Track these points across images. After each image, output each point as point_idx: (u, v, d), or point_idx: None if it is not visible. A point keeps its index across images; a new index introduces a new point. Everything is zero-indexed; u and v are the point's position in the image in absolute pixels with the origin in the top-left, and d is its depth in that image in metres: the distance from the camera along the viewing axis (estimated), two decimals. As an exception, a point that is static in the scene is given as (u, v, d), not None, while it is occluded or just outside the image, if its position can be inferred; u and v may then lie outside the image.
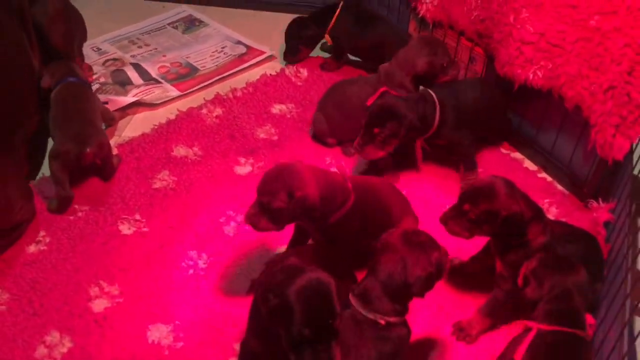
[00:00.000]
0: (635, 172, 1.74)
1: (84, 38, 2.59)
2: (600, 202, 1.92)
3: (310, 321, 1.16)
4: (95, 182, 2.04)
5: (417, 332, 1.50)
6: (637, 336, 1.32)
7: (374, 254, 1.35)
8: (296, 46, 2.60)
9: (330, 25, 2.50)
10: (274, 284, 1.21)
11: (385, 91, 1.96)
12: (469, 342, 1.58)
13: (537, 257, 1.45)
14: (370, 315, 1.30)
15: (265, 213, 1.50)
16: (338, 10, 2.51)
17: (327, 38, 2.54)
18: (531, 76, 2.01)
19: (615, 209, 1.84)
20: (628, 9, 1.70)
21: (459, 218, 1.51)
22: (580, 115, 1.90)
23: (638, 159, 1.73)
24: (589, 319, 1.48)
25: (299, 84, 2.51)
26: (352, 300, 1.32)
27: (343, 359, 1.25)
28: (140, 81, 2.51)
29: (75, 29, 2.43)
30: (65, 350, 1.55)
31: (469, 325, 1.58)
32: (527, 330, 1.37)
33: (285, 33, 2.60)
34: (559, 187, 2.10)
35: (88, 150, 1.89)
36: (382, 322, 1.29)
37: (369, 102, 1.92)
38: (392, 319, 1.30)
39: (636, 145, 1.80)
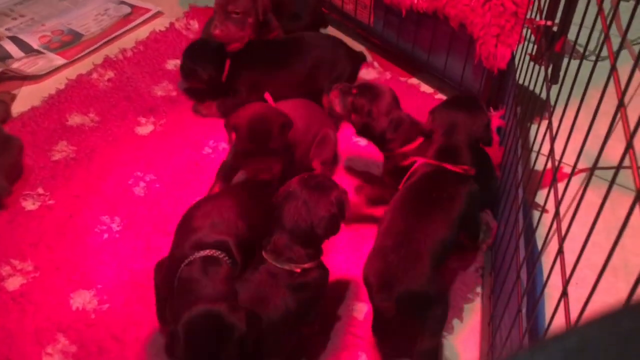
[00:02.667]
0: (518, 78, 1.86)
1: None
2: (492, 110, 2.04)
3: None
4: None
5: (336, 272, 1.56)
6: (536, 227, 1.45)
7: (276, 206, 1.35)
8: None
9: None
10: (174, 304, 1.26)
11: None
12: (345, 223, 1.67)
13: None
14: (285, 266, 1.31)
15: None
16: None
17: None
18: (415, 0, 2.08)
19: (505, 115, 1.97)
20: None
21: (345, 95, 1.62)
22: (465, 32, 2.00)
23: (518, 65, 1.84)
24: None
25: (190, 36, 2.45)
26: (265, 255, 1.33)
27: (259, 312, 1.28)
28: (21, 54, 2.36)
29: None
30: (-17, 333, 1.50)
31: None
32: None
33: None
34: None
35: None
36: (298, 270, 1.31)
37: None
38: (306, 265, 1.32)
39: (516, 53, 1.92)
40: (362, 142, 2.04)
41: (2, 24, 2.54)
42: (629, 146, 0.68)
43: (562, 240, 0.89)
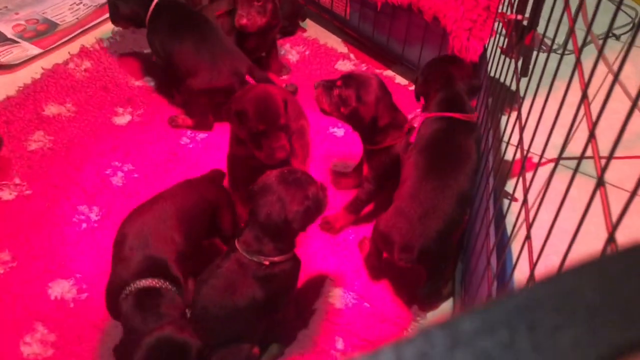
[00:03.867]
0: (489, 70, 1.91)
1: None
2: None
3: None
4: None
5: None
6: (506, 212, 1.50)
7: (252, 197, 1.35)
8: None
9: None
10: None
11: None
12: (332, 233, 1.73)
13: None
14: (254, 258, 1.32)
15: None
16: None
17: None
18: (390, -7, 2.11)
19: (476, 106, 2.02)
20: None
21: (330, 90, 1.60)
22: (438, 25, 2.04)
23: (490, 58, 1.89)
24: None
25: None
26: (237, 245, 1.35)
27: (227, 298, 1.32)
28: (-4, 42, 2.34)
29: None
30: (-39, 323, 1.50)
31: (334, 220, 1.74)
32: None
33: None
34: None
35: None
36: (266, 262, 1.32)
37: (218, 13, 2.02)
38: (275, 259, 1.33)
39: (488, 46, 1.97)
40: (339, 132, 2.07)
41: (-25, 12, 2.51)
42: (591, 136, 0.72)
43: (529, 227, 0.94)
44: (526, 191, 1.02)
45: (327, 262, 1.66)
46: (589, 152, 0.75)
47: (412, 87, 2.30)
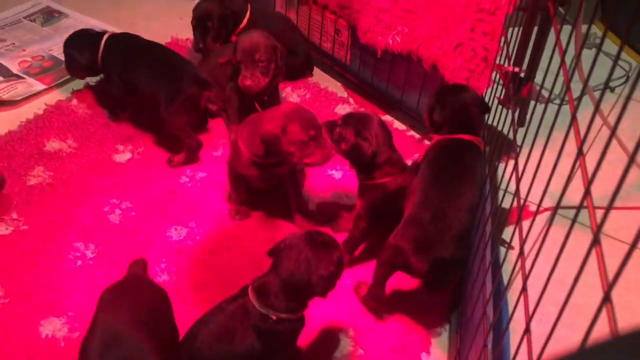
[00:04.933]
0: (487, 120, 1.94)
1: None
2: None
3: None
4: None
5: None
6: (502, 262, 1.50)
7: (277, 251, 1.36)
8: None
9: None
10: None
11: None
12: None
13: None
14: (263, 310, 1.31)
15: None
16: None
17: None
18: (390, 41, 2.16)
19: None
20: (465, -28, 1.88)
21: (332, 128, 1.68)
22: (437, 73, 2.08)
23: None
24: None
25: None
26: (250, 291, 1.34)
27: (225, 344, 1.30)
28: (0, 78, 2.37)
29: None
30: (-51, 359, 1.48)
31: (335, 226, 1.83)
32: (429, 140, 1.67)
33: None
34: (426, 141, 2.28)
35: None
36: (274, 317, 1.31)
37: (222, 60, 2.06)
38: (284, 316, 1.32)
39: (485, 95, 2.01)
40: (337, 174, 2.09)
41: (-19, 48, 2.55)
42: (587, 193, 0.73)
43: (525, 279, 0.94)
44: (522, 242, 1.02)
45: (323, 306, 1.65)
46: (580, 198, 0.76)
47: (410, 133, 2.33)
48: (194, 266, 1.74)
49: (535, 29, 1.84)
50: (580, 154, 0.80)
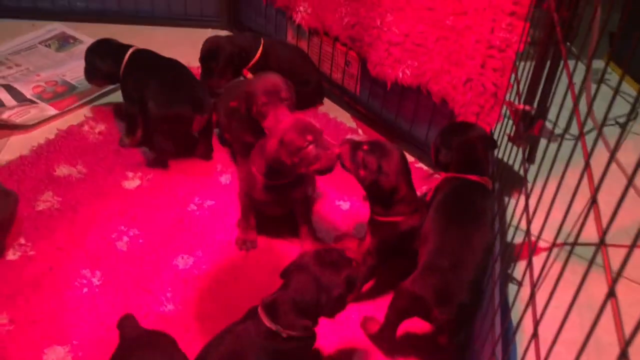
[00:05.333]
0: (497, 154, 1.94)
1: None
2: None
3: None
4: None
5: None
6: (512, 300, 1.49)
7: (288, 271, 1.38)
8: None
9: None
10: None
11: None
12: None
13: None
14: (273, 327, 1.32)
15: None
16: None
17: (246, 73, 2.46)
18: (400, 75, 2.18)
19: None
20: (475, 10, 1.90)
21: (355, 150, 1.63)
22: (446, 107, 2.10)
23: (498, 142, 1.93)
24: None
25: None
26: (260, 309, 1.34)
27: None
28: (14, 102, 2.40)
29: None
30: (-49, 387, 1.47)
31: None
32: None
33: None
34: (436, 175, 2.28)
35: None
36: (284, 334, 1.32)
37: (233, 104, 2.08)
38: (294, 333, 1.33)
39: (494, 130, 2.02)
40: (344, 205, 2.09)
41: (-3, 72, 2.59)
42: (601, 243, 0.73)
43: (536, 325, 0.93)
44: (533, 286, 1.01)
45: (328, 341, 1.63)
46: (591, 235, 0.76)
47: (418, 165, 2.33)
48: (199, 296, 1.74)
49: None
50: (594, 202, 0.79)
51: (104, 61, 2.22)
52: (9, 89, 2.46)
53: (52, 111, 2.39)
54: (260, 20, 2.89)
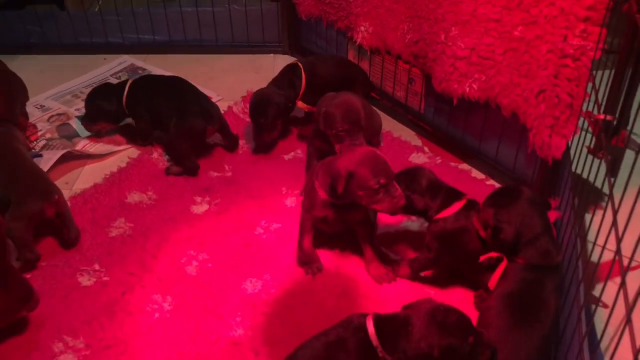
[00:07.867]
0: (574, 168, 1.83)
1: (25, 99, 2.60)
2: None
3: None
4: (51, 238, 2.00)
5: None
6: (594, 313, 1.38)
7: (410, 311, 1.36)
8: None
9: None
10: None
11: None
12: (388, 280, 1.83)
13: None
14: (379, 350, 1.32)
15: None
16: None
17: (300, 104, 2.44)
18: (467, 89, 2.11)
19: (560, 205, 1.93)
20: (546, 17, 1.82)
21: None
22: (517, 121, 2.01)
23: (574, 156, 1.83)
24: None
25: (246, 119, 2.54)
26: (368, 323, 1.35)
27: None
28: (87, 133, 2.49)
29: (16, 93, 2.44)
30: (32, 411, 1.50)
31: (399, 267, 1.85)
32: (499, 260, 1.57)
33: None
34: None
35: (55, 197, 1.92)
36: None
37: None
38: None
39: (571, 143, 1.91)
40: (413, 226, 2.03)
41: (72, 105, 2.71)
42: None
43: (637, 353, 0.84)
44: (629, 310, 0.92)
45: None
46: None
47: (489, 182, 2.24)
48: (268, 320, 1.71)
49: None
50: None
51: (109, 102, 2.37)
52: (83, 120, 2.57)
53: (122, 145, 2.47)
54: (321, 42, 2.90)
